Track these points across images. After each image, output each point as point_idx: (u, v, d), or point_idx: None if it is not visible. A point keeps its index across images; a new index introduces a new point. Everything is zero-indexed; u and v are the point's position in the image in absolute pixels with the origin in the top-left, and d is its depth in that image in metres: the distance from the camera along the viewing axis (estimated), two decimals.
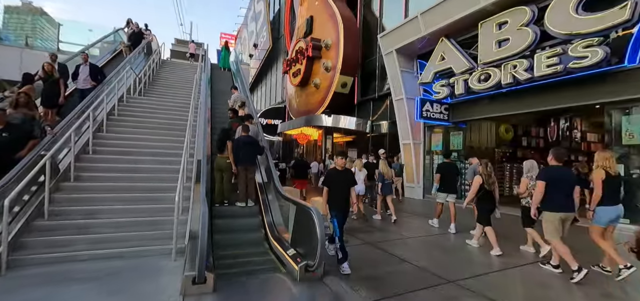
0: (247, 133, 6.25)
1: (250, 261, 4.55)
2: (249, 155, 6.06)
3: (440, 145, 10.98)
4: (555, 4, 6.80)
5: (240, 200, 5.93)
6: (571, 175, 4.22)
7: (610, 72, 6.40)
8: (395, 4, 13.13)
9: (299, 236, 4.27)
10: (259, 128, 7.72)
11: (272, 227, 5.18)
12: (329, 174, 4.42)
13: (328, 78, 15.35)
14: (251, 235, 5.35)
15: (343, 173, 4.32)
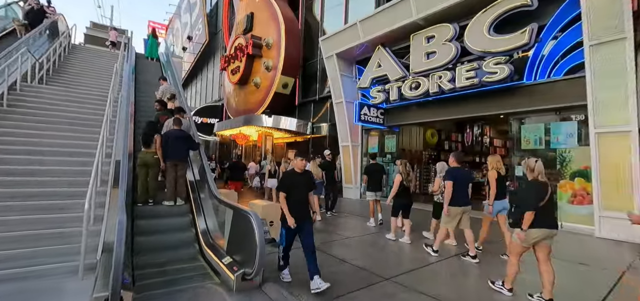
0: (179, 127, 5.71)
1: (180, 269, 4.12)
2: (180, 151, 5.55)
3: (376, 148, 11.59)
4: (473, 24, 7.71)
5: (167, 199, 5.37)
6: (468, 175, 4.99)
7: (513, 87, 7.49)
8: (335, 10, 13.48)
9: (236, 242, 4.00)
10: (192, 124, 7.11)
11: (206, 234, 4.77)
12: (286, 177, 3.88)
13: (269, 78, 15.03)
14: (180, 235, 4.88)
15: (302, 176, 3.82)
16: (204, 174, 5.80)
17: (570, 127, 6.78)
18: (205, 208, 5.31)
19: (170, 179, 5.40)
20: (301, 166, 3.79)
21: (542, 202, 3.17)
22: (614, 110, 5.70)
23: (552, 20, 6.84)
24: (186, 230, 5.06)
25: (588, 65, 5.94)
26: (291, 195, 3.66)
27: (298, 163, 3.79)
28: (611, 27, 5.65)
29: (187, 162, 5.91)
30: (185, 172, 5.70)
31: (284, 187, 3.70)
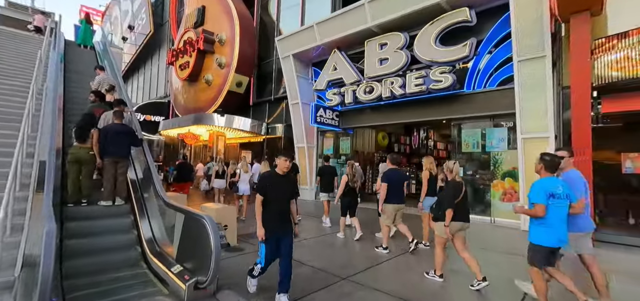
0: (120, 121, 5.19)
1: (120, 278, 3.73)
2: (122, 147, 5.07)
3: (332, 149, 11.78)
4: (421, 35, 8.27)
5: (105, 199, 4.84)
6: (403, 176, 5.43)
7: (455, 95, 8.18)
8: (292, 10, 13.43)
9: (188, 249, 3.73)
10: (134, 118, 6.50)
11: (152, 242, 4.37)
12: (266, 179, 3.27)
13: (222, 75, 14.41)
14: (120, 237, 4.43)
15: (285, 180, 3.23)
16: (149, 174, 5.32)
17: (501, 133, 7.62)
18: (151, 212, 4.87)
19: (108, 177, 4.87)
20: (285, 167, 3.19)
21: (458, 199, 3.63)
22: (536, 119, 6.54)
23: (488, 36, 7.64)
24: (127, 232, 4.60)
25: (516, 78, 6.74)
26: (270, 202, 3.11)
27: (281, 164, 3.19)
28: (534, 46, 6.48)
29: (128, 160, 5.40)
30: (126, 170, 5.19)
31: (262, 190, 3.12)
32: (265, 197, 3.11)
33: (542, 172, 3.03)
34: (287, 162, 3.19)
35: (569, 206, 2.92)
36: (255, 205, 3.13)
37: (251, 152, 15.47)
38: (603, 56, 5.53)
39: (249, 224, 6.89)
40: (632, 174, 5.94)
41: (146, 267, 4.08)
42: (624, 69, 5.30)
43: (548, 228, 2.88)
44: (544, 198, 2.84)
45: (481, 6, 7.60)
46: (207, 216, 3.35)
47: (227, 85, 14.12)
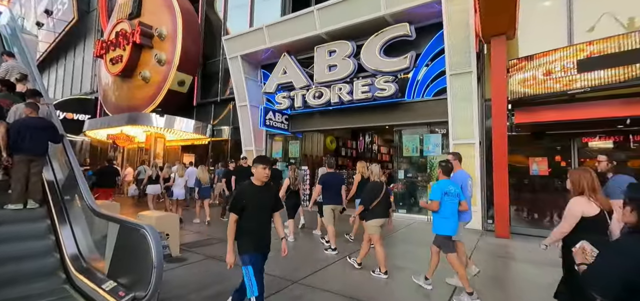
0: (36, 114, 4.51)
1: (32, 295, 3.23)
2: (39, 144, 4.43)
3: (281, 153, 11.72)
4: (367, 45, 8.73)
5: (14, 201, 4.15)
6: (340, 178, 5.76)
7: (398, 103, 8.80)
8: (240, 10, 13.08)
9: (123, 262, 3.37)
10: (53, 111, 5.69)
11: (77, 259, 3.85)
12: (241, 193, 2.74)
13: (161, 72, 13.36)
14: (33, 244, 3.83)
15: (264, 190, 2.77)
16: (72, 178, 4.66)
17: (436, 139, 8.40)
18: (75, 222, 4.29)
19: (19, 177, 4.18)
20: (264, 177, 2.72)
21: (377, 199, 4.13)
22: (465, 126, 7.36)
23: (425, 50, 8.38)
24: (42, 238, 4.00)
25: (449, 90, 7.51)
26: (250, 219, 2.65)
27: (260, 172, 2.71)
28: (463, 63, 7.30)
29: (45, 158, 4.71)
30: (41, 169, 4.52)
31: (236, 208, 2.63)
32: (242, 215, 2.64)
33: (440, 175, 3.74)
34: (266, 170, 2.71)
35: (458, 203, 3.61)
36: (229, 225, 2.65)
37: (195, 156, 14.59)
38: (515, 74, 6.48)
39: (188, 231, 6.50)
40: (537, 176, 7.03)
41: (69, 285, 3.59)
42: (531, 86, 6.28)
43: (446, 220, 3.55)
44: (440, 196, 3.55)
45: (420, 23, 8.32)
46: (148, 225, 3.08)
47: (167, 83, 13.13)
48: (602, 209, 2.36)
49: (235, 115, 12.08)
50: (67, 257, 3.81)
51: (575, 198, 2.46)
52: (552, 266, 4.70)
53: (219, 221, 7.77)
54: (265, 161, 2.75)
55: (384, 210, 4.22)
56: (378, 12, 8.29)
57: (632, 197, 1.48)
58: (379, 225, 4.17)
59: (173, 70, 12.98)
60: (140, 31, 13.50)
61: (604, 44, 5.60)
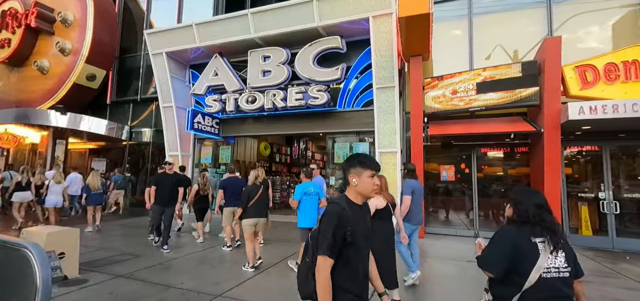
0: None
1: None
2: None
3: (210, 158, 11.07)
4: (301, 54, 8.89)
5: None
6: (240, 182, 6.05)
7: (330, 112, 9.13)
8: (167, 3, 12.09)
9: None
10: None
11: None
12: (344, 218, 1.58)
13: (65, 63, 11.50)
14: None
15: (366, 213, 1.80)
16: None
17: (365, 147, 8.94)
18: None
19: None
20: (371, 189, 1.70)
21: (252, 200, 4.69)
22: (389, 136, 8.00)
23: (356, 63, 8.90)
24: None
25: (375, 102, 8.10)
26: (352, 260, 1.59)
27: (366, 183, 1.68)
28: (387, 78, 7.96)
29: None
30: None
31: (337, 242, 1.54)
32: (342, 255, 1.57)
33: (303, 178, 4.70)
34: (374, 180, 1.69)
35: (318, 200, 4.51)
36: (321, 279, 1.51)
37: (107, 161, 12.83)
38: (429, 91, 7.34)
39: (92, 247, 5.67)
40: (446, 182, 8.02)
41: None
42: (441, 102, 7.18)
43: (304, 215, 4.41)
44: (300, 195, 4.41)
45: (350, 37, 8.81)
46: (32, 243, 2.57)
47: (73, 77, 11.33)
48: (388, 203, 3.43)
49: (158, 117, 11.03)
50: None
51: (374, 198, 3.30)
52: (457, 260, 5.39)
53: (129, 234, 6.96)
54: (371, 165, 1.67)
55: (257, 210, 4.73)
56: (311, 23, 8.53)
57: (510, 197, 1.87)
58: (251, 224, 4.67)
59: (81, 62, 11.27)
60: (38, 13, 11.42)
61: (494, 70, 6.73)
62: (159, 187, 5.96)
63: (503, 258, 1.67)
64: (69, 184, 7.95)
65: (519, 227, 1.72)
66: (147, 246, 6.04)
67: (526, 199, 1.77)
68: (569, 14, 7.38)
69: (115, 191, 10.03)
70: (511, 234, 1.72)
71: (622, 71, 5.78)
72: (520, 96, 6.47)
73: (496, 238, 1.77)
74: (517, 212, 1.78)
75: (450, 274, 4.51)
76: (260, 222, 4.77)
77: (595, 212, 6.69)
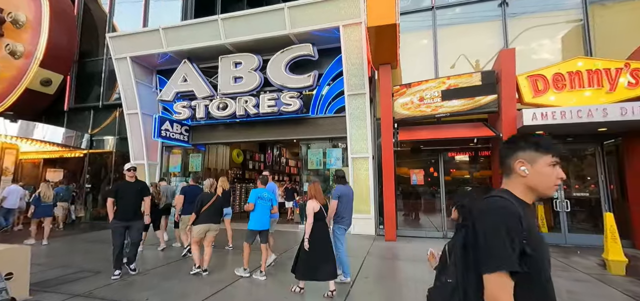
0: None
1: None
2: None
3: (179, 167, 10.68)
4: (273, 61, 8.87)
5: None
6: (197, 190, 6.05)
7: (303, 118, 9.16)
8: (131, 5, 11.61)
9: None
10: None
11: None
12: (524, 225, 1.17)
13: (16, 67, 10.65)
14: None
15: None
16: None
17: (338, 153, 9.05)
18: None
19: None
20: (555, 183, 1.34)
21: (205, 207, 4.88)
22: (361, 142, 8.17)
23: (327, 70, 9.03)
24: None
25: (347, 108, 8.25)
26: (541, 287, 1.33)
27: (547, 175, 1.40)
28: (358, 85, 8.16)
29: None
30: None
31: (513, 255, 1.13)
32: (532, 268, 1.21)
33: (259, 184, 5.01)
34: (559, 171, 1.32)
35: (271, 205, 4.80)
36: None
37: (64, 171, 11.97)
38: (398, 98, 7.60)
39: (43, 266, 5.25)
40: (416, 185, 8.30)
41: None
42: (410, 109, 7.46)
43: (256, 218, 4.65)
44: (254, 199, 4.68)
45: (322, 45, 8.94)
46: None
47: (25, 81, 10.52)
48: (321, 205, 3.96)
49: (122, 124, 10.48)
50: None
51: (310, 201, 3.98)
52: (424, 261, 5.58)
53: (89, 250, 6.52)
54: (553, 148, 1.22)
55: (209, 217, 4.91)
56: (283, 31, 8.56)
57: (455, 201, 2.00)
58: (202, 230, 4.87)
59: (34, 66, 10.49)
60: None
61: (457, 79, 7.11)
62: (120, 199, 4.89)
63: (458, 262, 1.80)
64: (7, 196, 7.93)
65: None
66: (108, 261, 5.67)
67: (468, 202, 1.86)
68: (522, 27, 7.99)
69: (60, 204, 9.36)
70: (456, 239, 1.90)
71: (567, 80, 6.33)
72: (481, 103, 6.88)
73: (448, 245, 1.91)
74: (462, 214, 1.87)
75: (423, 277, 4.65)
76: (211, 227, 4.92)
77: (550, 210, 7.21)
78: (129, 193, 5.00)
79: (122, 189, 4.99)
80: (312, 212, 3.89)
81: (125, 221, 4.87)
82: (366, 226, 7.89)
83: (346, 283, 4.30)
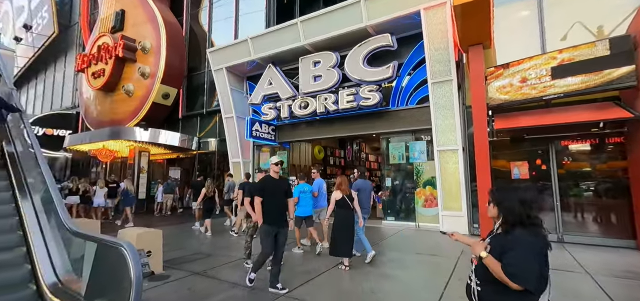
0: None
1: None
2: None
3: (268, 164, 11.63)
4: (350, 56, 8.86)
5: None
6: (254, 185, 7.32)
7: (382, 111, 8.93)
8: (225, 23, 13.13)
9: (101, 283, 3.26)
10: (11, 86, 6.02)
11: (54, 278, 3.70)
12: None
13: (145, 86, 13.20)
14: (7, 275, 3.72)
15: None
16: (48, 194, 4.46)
17: (421, 146, 8.53)
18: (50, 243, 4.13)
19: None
20: None
21: None
22: (448, 133, 7.52)
23: (408, 59, 8.57)
24: (19, 267, 3.85)
25: (431, 98, 7.68)
26: None
27: None
28: (443, 71, 7.50)
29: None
30: None
31: None
32: None
33: (300, 181, 6.25)
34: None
35: (312, 195, 6.11)
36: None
37: (180, 169, 14.36)
38: (493, 82, 6.69)
39: (174, 246, 6.34)
40: (519, 179, 7.20)
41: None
42: (508, 93, 6.50)
43: (301, 208, 5.91)
44: (298, 193, 5.89)
45: (401, 33, 8.52)
46: (126, 242, 2.99)
47: (151, 97, 12.97)
48: (345, 195, 4.84)
49: (221, 127, 11.99)
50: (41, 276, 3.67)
51: (335, 191, 4.93)
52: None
53: (198, 235, 7.62)
54: None
55: None
56: (360, 24, 8.46)
57: (491, 196, 1.79)
58: None
59: (157, 84, 12.83)
60: (124, 45, 13.34)
61: (573, 51, 5.87)
62: (267, 198, 3.99)
63: (538, 268, 1.57)
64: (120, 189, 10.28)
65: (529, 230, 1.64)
66: (216, 247, 6.57)
67: (508, 196, 1.71)
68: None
69: (164, 195, 12.04)
70: (536, 239, 1.62)
71: None
72: (612, 77, 5.53)
73: (526, 247, 1.60)
74: (502, 211, 1.71)
75: None
76: None
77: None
78: (278, 193, 4.10)
79: (269, 187, 4.07)
80: (334, 200, 4.91)
81: (275, 226, 3.98)
82: (457, 224, 7.23)
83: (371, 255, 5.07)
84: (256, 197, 4.03)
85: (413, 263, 5.23)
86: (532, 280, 1.55)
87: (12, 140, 5.30)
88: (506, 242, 1.65)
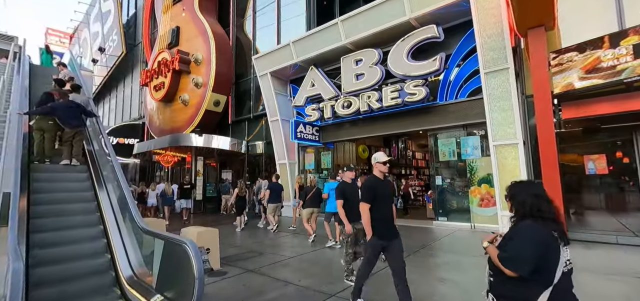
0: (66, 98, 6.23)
1: None
2: (71, 116, 5.97)
3: (313, 164, 11.81)
4: (394, 51, 8.60)
5: (64, 159, 5.81)
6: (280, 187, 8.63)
7: (429, 107, 8.52)
8: (268, 29, 13.60)
9: (168, 277, 3.58)
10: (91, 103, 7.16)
11: (132, 278, 4.16)
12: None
13: (199, 95, 14.22)
14: (82, 194, 5.19)
15: None
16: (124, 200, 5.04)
17: (475, 141, 7.97)
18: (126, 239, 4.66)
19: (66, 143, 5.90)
20: None
21: (309, 195, 7.08)
22: (505, 127, 6.92)
23: (456, 50, 8.07)
24: (87, 190, 5.30)
25: (484, 89, 7.14)
26: None
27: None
28: (498, 59, 6.92)
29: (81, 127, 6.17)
30: (81, 136, 6.13)
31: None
32: None
33: (330, 179, 7.02)
34: None
35: None
36: None
37: (232, 171, 15.21)
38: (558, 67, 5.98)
39: (229, 244, 6.73)
40: (594, 175, 6.36)
41: (123, 299, 3.88)
42: (583, 79, 5.76)
43: (331, 203, 6.16)
44: (327, 190, 6.47)
45: (448, 23, 8.06)
46: (189, 240, 3.24)
47: (204, 105, 13.94)
48: None
49: (267, 130, 12.45)
50: (120, 270, 4.14)
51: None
52: (626, 276, 4.21)
53: (251, 234, 7.96)
54: None
55: (313, 203, 7.04)
56: (403, 17, 8.17)
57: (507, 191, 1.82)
58: (309, 212, 6.98)
59: (209, 92, 13.75)
60: (179, 58, 14.54)
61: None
62: (376, 206, 3.21)
63: (534, 257, 1.58)
64: (158, 191, 11.42)
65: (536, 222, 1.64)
66: (266, 245, 6.83)
67: (522, 190, 1.75)
68: None
69: (224, 196, 13.29)
70: (540, 230, 1.62)
71: None
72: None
73: (525, 235, 1.65)
74: (515, 205, 1.76)
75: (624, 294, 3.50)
76: (314, 210, 7.02)
77: None
78: (388, 199, 3.37)
79: (380, 192, 3.24)
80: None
81: (385, 240, 3.18)
82: None
83: None
84: (363, 204, 3.17)
85: (470, 266, 4.89)
86: (523, 267, 1.58)
87: (91, 141, 6.43)
88: (512, 232, 1.74)
